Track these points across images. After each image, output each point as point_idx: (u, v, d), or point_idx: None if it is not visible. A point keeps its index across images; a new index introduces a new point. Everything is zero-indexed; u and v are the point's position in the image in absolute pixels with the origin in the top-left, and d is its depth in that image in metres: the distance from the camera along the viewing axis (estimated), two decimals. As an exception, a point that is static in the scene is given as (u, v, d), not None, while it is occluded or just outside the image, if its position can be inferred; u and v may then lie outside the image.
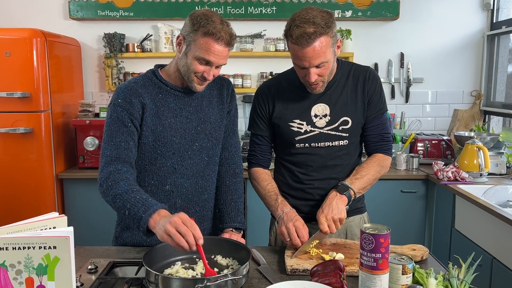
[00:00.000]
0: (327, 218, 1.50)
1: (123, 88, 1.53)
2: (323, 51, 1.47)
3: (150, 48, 3.46)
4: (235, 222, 1.65)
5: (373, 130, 1.69)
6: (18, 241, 1.06)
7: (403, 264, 1.18)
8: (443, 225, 2.84)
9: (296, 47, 1.47)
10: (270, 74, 3.45)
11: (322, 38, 1.45)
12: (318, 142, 1.64)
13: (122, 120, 1.48)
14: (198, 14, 1.47)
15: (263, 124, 1.72)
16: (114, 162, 1.44)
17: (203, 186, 1.63)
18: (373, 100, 1.66)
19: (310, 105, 1.64)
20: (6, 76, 2.80)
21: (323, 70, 1.52)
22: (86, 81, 3.56)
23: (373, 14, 3.45)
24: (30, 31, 2.85)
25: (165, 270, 1.33)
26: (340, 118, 1.63)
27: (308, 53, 1.46)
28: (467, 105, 3.61)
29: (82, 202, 3.04)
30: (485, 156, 2.75)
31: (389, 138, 1.72)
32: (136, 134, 1.51)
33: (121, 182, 1.40)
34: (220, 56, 1.48)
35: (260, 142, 1.75)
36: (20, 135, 2.86)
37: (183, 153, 1.57)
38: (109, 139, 1.48)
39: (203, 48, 1.45)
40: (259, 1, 3.42)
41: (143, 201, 1.33)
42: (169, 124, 1.54)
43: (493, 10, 3.48)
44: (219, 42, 1.45)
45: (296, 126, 1.65)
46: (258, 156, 1.75)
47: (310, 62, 1.48)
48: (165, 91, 1.56)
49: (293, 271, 1.37)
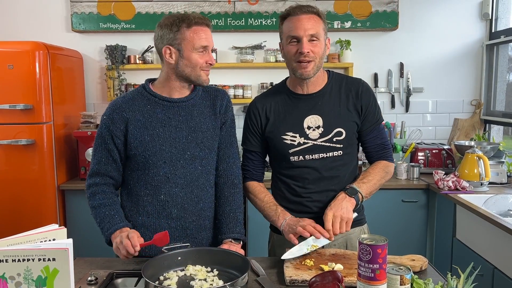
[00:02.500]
0: (334, 214, 1.51)
1: (110, 104, 1.64)
2: (317, 26, 1.56)
3: (151, 60, 3.49)
4: (234, 232, 1.65)
5: (372, 141, 1.71)
6: (17, 253, 1.07)
7: (401, 274, 1.18)
8: (444, 235, 2.84)
9: (293, 17, 1.56)
10: (270, 84, 3.47)
11: (317, 17, 1.56)
12: (313, 154, 1.64)
13: (104, 137, 1.60)
14: (167, 19, 1.58)
15: (255, 140, 1.73)
16: (95, 175, 1.62)
17: (199, 195, 1.64)
18: (369, 113, 1.67)
19: (303, 117, 1.65)
20: (9, 88, 2.83)
21: (315, 48, 1.56)
22: (88, 93, 3.59)
23: (372, 24, 3.47)
24: (32, 44, 2.88)
25: (164, 282, 1.33)
26: (334, 129, 1.63)
27: (303, 20, 1.54)
28: (467, 114, 3.61)
29: (83, 213, 3.04)
30: (485, 165, 2.76)
31: (389, 146, 1.75)
32: (116, 151, 1.61)
33: (98, 195, 1.60)
34: (210, 38, 1.57)
35: (253, 158, 1.76)
36: (22, 147, 2.88)
37: (175, 162, 1.59)
38: (93, 152, 1.64)
39: (195, 38, 1.53)
40: (259, 13, 3.46)
41: (110, 217, 1.56)
42: (157, 134, 1.58)
43: (491, 19, 3.50)
44: (203, 26, 1.55)
45: (289, 138, 1.65)
46: (252, 171, 1.76)
47: (305, 30, 1.54)
48: (154, 102, 1.61)
49: (292, 282, 1.37)
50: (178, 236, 1.62)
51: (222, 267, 1.41)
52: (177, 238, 1.61)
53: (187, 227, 1.64)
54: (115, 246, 1.48)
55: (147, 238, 1.55)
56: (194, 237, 1.65)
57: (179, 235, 1.62)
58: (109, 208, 1.58)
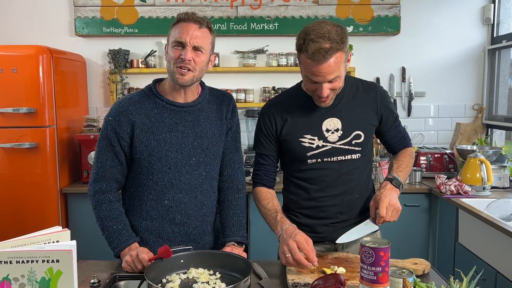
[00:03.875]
0: (390, 203, 1.51)
1: (115, 105, 1.59)
2: (338, 66, 1.46)
3: (154, 64, 3.51)
4: (237, 236, 1.66)
5: (394, 138, 1.76)
6: (21, 255, 1.08)
7: (403, 277, 1.18)
8: (446, 239, 2.83)
9: (311, 62, 1.45)
10: (272, 88, 3.48)
11: (338, 54, 1.44)
12: (331, 157, 1.62)
13: (109, 139, 1.57)
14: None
15: (269, 144, 1.69)
16: (100, 180, 1.59)
17: (202, 201, 1.64)
18: (388, 117, 1.69)
19: (321, 120, 1.62)
20: (12, 92, 2.84)
21: (335, 84, 1.51)
22: (91, 97, 3.60)
23: (374, 29, 3.48)
24: (36, 48, 2.90)
25: (167, 285, 1.33)
26: (353, 132, 1.62)
27: (323, 69, 1.44)
28: (469, 118, 3.62)
29: (86, 216, 3.05)
30: (487, 169, 2.75)
31: (406, 134, 1.82)
32: (123, 153, 1.58)
33: (103, 205, 1.58)
34: (191, 34, 1.49)
35: (265, 162, 1.71)
36: (25, 150, 2.89)
37: (180, 168, 1.58)
38: (97, 155, 1.60)
39: (173, 32, 1.53)
40: (261, 18, 3.47)
41: (118, 233, 1.55)
42: (164, 139, 1.56)
43: (493, 24, 3.51)
44: (187, 21, 1.51)
45: (308, 141, 1.62)
46: (262, 176, 1.72)
47: (325, 77, 1.47)
48: (161, 106, 1.59)
49: (294, 285, 1.37)
50: (181, 241, 1.62)
51: (224, 270, 1.41)
52: (180, 243, 1.60)
53: (191, 232, 1.64)
54: (124, 264, 1.48)
55: (151, 242, 1.59)
56: (197, 242, 1.64)
57: (182, 240, 1.62)
58: (116, 221, 1.56)
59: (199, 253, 1.48)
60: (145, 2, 3.46)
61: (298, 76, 1.61)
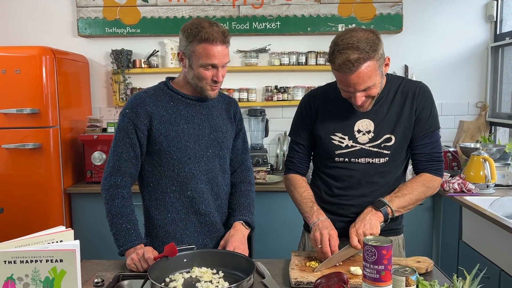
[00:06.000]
0: (357, 232, 1.47)
1: (132, 98, 1.62)
2: (369, 76, 1.42)
3: (156, 64, 3.51)
4: (246, 216, 1.69)
5: (421, 149, 1.61)
6: (25, 255, 1.09)
7: (406, 276, 1.18)
8: (450, 237, 2.82)
9: (339, 73, 1.44)
10: (275, 87, 3.48)
11: (367, 63, 1.40)
12: (359, 158, 1.61)
13: (126, 131, 1.58)
14: (188, 26, 1.54)
15: (305, 133, 1.71)
16: (115, 174, 1.59)
17: (217, 192, 1.69)
18: (422, 118, 1.59)
19: (354, 120, 1.60)
20: (16, 93, 2.85)
21: (370, 92, 1.48)
22: (94, 97, 3.61)
23: (376, 27, 3.47)
24: (39, 49, 2.91)
25: (170, 284, 1.34)
26: (384, 135, 1.59)
27: (352, 79, 1.42)
28: (472, 116, 3.60)
29: (89, 216, 3.07)
30: (491, 167, 2.74)
31: (439, 158, 1.63)
32: (138, 145, 1.59)
33: (117, 200, 1.57)
34: (221, 56, 1.52)
35: (300, 150, 1.73)
36: (29, 151, 2.90)
37: (199, 158, 1.62)
38: (113, 148, 1.60)
39: (203, 55, 1.51)
40: (263, 17, 3.47)
41: (126, 232, 1.55)
42: (182, 130, 1.59)
43: (496, 21, 3.50)
44: (215, 44, 1.50)
45: (338, 140, 1.62)
46: (296, 163, 1.74)
47: (355, 88, 1.45)
48: (176, 99, 1.62)
49: (297, 283, 1.37)
50: (208, 232, 1.66)
51: (227, 269, 1.42)
52: (207, 233, 1.65)
53: (216, 222, 1.67)
54: (129, 261, 1.49)
55: (178, 235, 1.62)
56: (220, 232, 1.68)
57: (209, 230, 1.66)
58: (126, 219, 1.57)
59: (202, 252, 1.48)
60: (147, 2, 3.47)
61: (300, 75, 1.61)
